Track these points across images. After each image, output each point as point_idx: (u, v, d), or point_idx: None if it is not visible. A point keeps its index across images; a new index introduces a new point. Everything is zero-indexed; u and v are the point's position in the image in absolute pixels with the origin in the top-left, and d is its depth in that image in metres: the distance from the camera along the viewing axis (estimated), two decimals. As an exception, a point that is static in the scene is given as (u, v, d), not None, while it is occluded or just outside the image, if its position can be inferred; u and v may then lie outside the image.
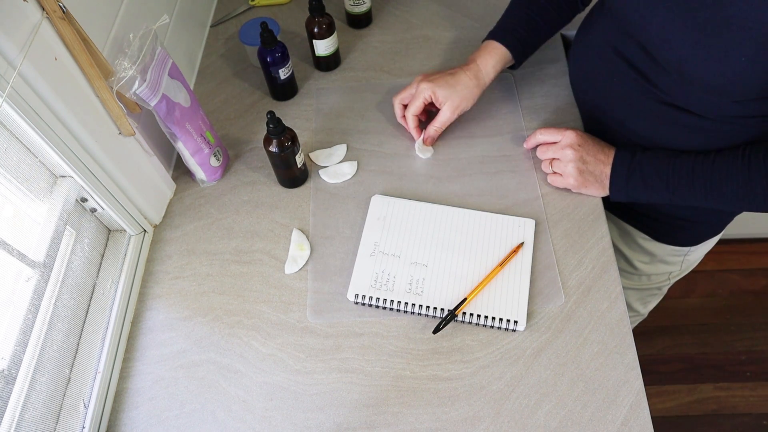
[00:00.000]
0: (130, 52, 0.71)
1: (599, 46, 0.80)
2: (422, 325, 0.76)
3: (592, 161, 0.80)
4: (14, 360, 0.61)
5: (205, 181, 0.90)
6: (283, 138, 0.81)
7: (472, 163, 0.90)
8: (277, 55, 0.91)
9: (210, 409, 0.72)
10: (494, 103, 0.96)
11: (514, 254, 0.79)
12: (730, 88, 0.64)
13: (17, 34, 0.56)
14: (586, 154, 0.80)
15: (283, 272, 0.81)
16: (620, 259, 1.03)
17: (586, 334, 0.74)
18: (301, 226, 0.85)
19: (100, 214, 0.81)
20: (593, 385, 0.71)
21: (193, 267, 0.83)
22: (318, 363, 0.74)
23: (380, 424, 0.70)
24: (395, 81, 1.00)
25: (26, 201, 0.67)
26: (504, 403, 0.70)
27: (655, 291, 1.12)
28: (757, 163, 0.69)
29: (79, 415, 0.70)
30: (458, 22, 1.07)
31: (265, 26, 0.89)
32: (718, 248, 1.15)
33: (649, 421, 0.68)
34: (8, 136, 0.63)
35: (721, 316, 1.68)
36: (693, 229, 0.91)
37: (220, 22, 1.11)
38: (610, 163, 0.79)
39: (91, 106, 0.69)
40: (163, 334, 0.78)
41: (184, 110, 0.81)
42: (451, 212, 0.84)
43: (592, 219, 0.83)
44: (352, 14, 1.06)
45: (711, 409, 1.54)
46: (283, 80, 0.95)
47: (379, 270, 0.79)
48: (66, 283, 0.72)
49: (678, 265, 1.00)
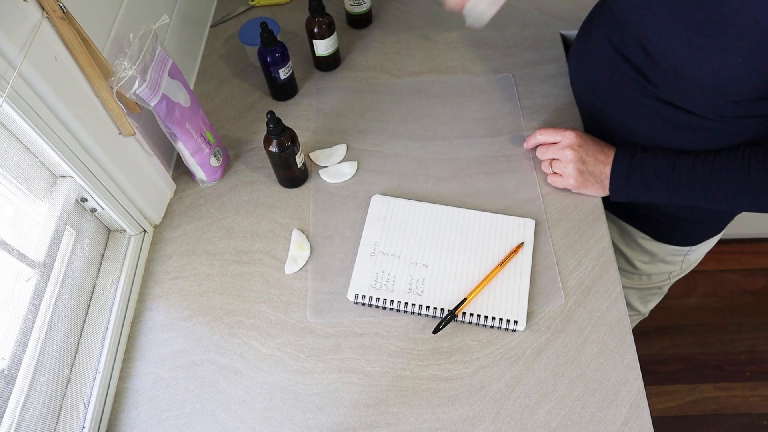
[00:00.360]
0: (130, 52, 0.71)
1: (600, 46, 0.80)
2: (422, 325, 0.76)
3: (591, 161, 0.80)
4: (14, 360, 0.61)
5: (205, 181, 0.90)
6: (283, 138, 0.81)
7: (472, 163, 0.90)
8: (277, 55, 0.91)
9: (210, 409, 0.72)
10: (494, 103, 0.96)
11: (514, 254, 0.79)
12: (725, 89, 0.64)
13: (17, 34, 0.56)
14: (586, 155, 0.80)
15: (283, 272, 0.81)
16: (620, 258, 1.03)
17: (586, 334, 0.74)
18: (301, 226, 0.85)
19: (100, 214, 0.81)
20: (593, 385, 0.71)
21: (193, 267, 0.83)
22: (318, 363, 0.74)
23: (380, 424, 0.70)
24: (395, 81, 1.00)
25: (26, 201, 0.67)
26: (504, 403, 0.70)
27: (656, 290, 1.12)
28: (757, 164, 0.69)
29: (79, 415, 0.70)
30: (458, 22, 1.07)
31: (265, 26, 0.89)
32: (718, 248, 1.15)
33: (649, 421, 0.68)
34: (8, 136, 0.63)
35: (721, 316, 1.68)
36: (693, 229, 0.91)
37: (220, 22, 1.11)
38: (609, 164, 0.79)
39: (91, 106, 0.69)
40: (163, 334, 0.78)
41: (184, 110, 0.81)
42: (451, 212, 0.84)
43: (592, 219, 0.83)
44: (352, 14, 1.06)
45: (711, 409, 1.54)
46: (283, 80, 0.95)
47: (379, 270, 0.79)
48: (66, 283, 0.72)
49: (678, 264, 1.00)
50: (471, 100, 0.96)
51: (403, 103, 0.97)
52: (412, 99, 0.98)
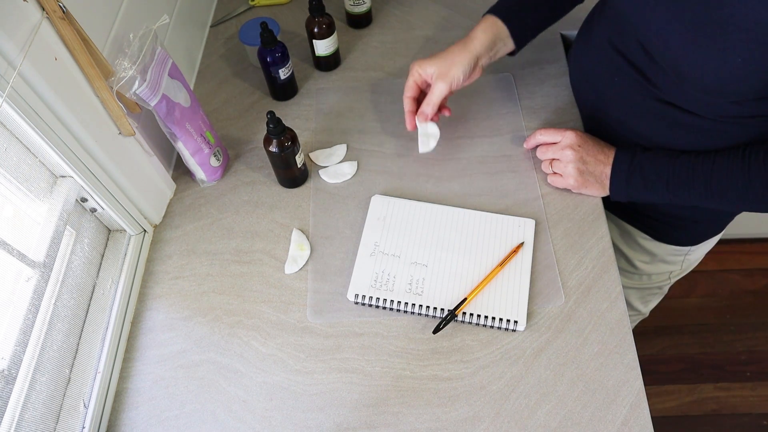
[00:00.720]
0: (130, 52, 0.71)
1: (600, 45, 0.80)
2: (422, 325, 0.76)
3: (592, 161, 0.80)
4: (14, 360, 0.61)
5: (205, 181, 0.90)
6: (283, 138, 0.81)
7: (472, 163, 0.90)
8: (277, 55, 0.91)
9: (210, 409, 0.72)
10: (494, 103, 0.96)
11: (514, 254, 0.79)
12: (726, 89, 0.64)
13: (17, 34, 0.56)
14: (586, 155, 0.80)
15: (283, 272, 0.81)
16: (620, 258, 1.03)
17: (586, 334, 0.74)
18: (301, 226, 0.85)
19: (100, 214, 0.81)
20: (593, 385, 0.71)
21: (193, 267, 0.83)
22: (318, 363, 0.74)
23: (380, 424, 0.70)
24: (395, 81, 1.00)
25: (26, 201, 0.67)
26: (504, 403, 0.70)
27: (656, 290, 1.12)
28: (758, 164, 0.69)
29: (79, 415, 0.70)
30: (458, 22, 1.07)
31: (265, 26, 0.89)
32: (718, 248, 1.15)
33: (649, 421, 0.68)
34: (8, 136, 0.63)
35: (721, 316, 1.68)
36: (693, 229, 0.91)
37: (220, 22, 1.11)
38: (610, 164, 0.79)
39: (91, 106, 0.69)
40: (163, 334, 0.78)
41: (184, 110, 0.81)
42: (451, 212, 0.84)
43: (592, 219, 0.83)
44: (352, 14, 1.06)
45: (711, 409, 1.54)
46: (283, 80, 0.95)
47: (379, 270, 0.79)
48: (66, 283, 0.72)
49: (678, 264, 1.00)
50: (471, 100, 0.96)
51: (403, 103, 0.97)
52: (412, 99, 0.98)
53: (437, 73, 0.81)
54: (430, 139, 0.86)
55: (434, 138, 0.86)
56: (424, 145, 0.86)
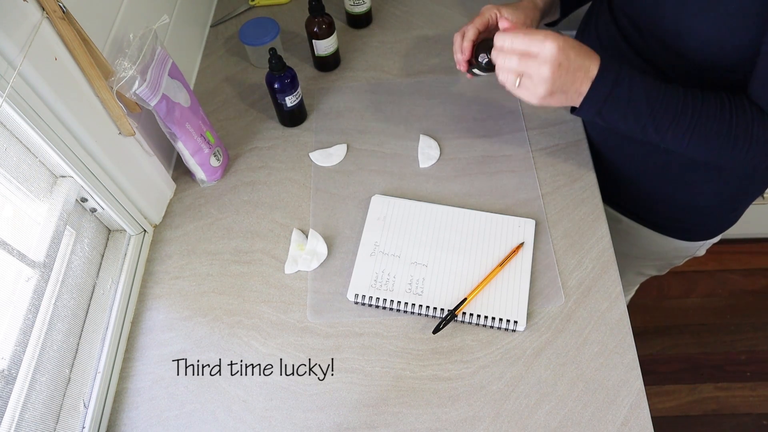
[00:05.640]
0: (130, 52, 0.71)
1: (597, 42, 0.80)
2: (422, 325, 0.76)
3: (569, 81, 0.66)
4: (14, 360, 0.61)
5: (205, 181, 0.90)
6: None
7: (472, 163, 0.90)
8: (286, 81, 0.88)
9: (210, 409, 0.72)
10: (494, 104, 0.96)
11: (514, 254, 0.79)
12: (715, 59, 0.64)
13: (17, 34, 0.56)
14: (566, 73, 0.65)
15: (283, 272, 0.81)
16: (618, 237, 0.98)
17: (586, 334, 0.74)
18: (301, 226, 0.85)
19: (100, 214, 0.81)
20: (593, 385, 0.71)
21: (193, 267, 0.83)
22: (318, 363, 0.74)
23: (380, 424, 0.70)
24: (395, 81, 1.00)
25: (26, 201, 0.67)
26: (504, 403, 0.70)
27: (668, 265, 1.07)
28: (744, 113, 0.64)
29: (79, 415, 0.70)
30: (458, 22, 1.07)
31: (274, 52, 0.85)
32: (718, 248, 1.15)
33: (649, 421, 0.68)
34: (8, 136, 0.63)
35: (721, 316, 1.68)
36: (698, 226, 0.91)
37: (220, 22, 1.11)
38: (588, 82, 0.66)
39: (91, 106, 0.69)
40: (163, 334, 0.78)
41: (184, 110, 0.81)
42: (451, 212, 0.84)
43: (592, 219, 0.83)
44: (352, 14, 1.06)
45: (711, 409, 1.54)
46: (290, 107, 0.92)
47: (379, 270, 0.79)
48: (66, 283, 0.72)
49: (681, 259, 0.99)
50: (471, 100, 0.96)
51: (403, 103, 0.97)
52: (412, 99, 0.98)
53: (515, 18, 0.78)
54: (432, 155, 0.90)
55: (435, 155, 0.91)
56: (425, 161, 0.90)
